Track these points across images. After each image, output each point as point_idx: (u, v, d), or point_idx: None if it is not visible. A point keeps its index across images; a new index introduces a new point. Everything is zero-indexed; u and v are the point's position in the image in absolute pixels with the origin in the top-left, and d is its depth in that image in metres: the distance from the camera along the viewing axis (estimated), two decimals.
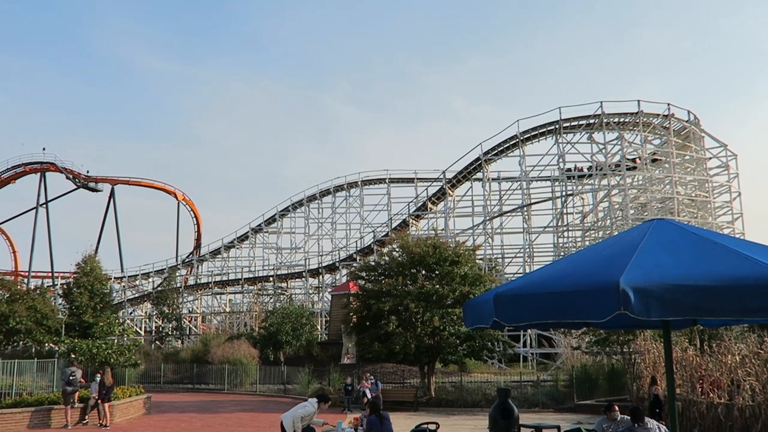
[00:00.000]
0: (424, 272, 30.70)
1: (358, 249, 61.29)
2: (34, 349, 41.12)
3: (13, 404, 21.28)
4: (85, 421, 21.32)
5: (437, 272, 30.40)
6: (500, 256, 56.78)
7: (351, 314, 32.53)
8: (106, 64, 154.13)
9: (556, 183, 57.16)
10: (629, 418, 9.97)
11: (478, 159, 56.24)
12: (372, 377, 27.08)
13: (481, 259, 41.72)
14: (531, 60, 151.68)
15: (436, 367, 32.97)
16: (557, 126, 53.69)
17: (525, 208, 56.23)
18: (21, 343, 40.62)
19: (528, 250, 55.56)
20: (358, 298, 32.16)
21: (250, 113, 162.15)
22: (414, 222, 59.57)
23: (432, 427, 11.37)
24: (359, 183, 65.39)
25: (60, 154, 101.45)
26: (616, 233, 42.81)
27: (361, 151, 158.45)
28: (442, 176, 58.64)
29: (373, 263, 35.39)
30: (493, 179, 58.04)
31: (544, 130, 54.81)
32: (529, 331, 46.68)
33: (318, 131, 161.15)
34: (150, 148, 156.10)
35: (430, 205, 59.44)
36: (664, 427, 9.79)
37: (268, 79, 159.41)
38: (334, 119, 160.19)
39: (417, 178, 62.60)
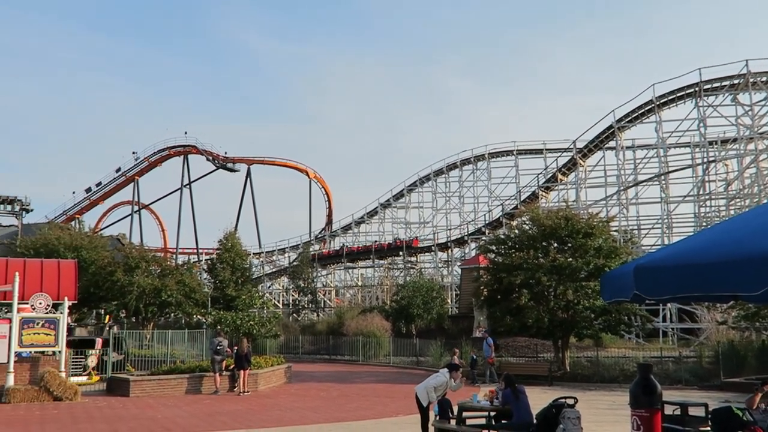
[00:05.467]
0: (555, 245, 30.06)
1: (487, 222, 60.81)
2: (183, 321, 44.12)
3: (168, 371, 23.08)
4: (234, 388, 22.71)
5: (570, 245, 29.71)
6: (636, 227, 54.52)
7: (481, 288, 32.46)
8: (224, 49, 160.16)
9: (697, 149, 53.99)
10: None
11: (610, 127, 54.00)
12: (485, 329, 26.31)
13: (615, 230, 40.18)
14: (653, 20, 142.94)
15: (571, 342, 32.37)
16: (697, 89, 50.52)
17: (662, 177, 53.50)
18: (172, 314, 43.59)
19: (666, 220, 52.91)
20: (489, 272, 32.03)
21: (362, 90, 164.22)
22: (543, 194, 58.26)
23: (570, 401, 11.19)
24: (486, 156, 64.70)
25: (199, 137, 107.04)
26: (765, 201, 39.94)
27: (479, 124, 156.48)
28: (572, 146, 56.84)
29: (502, 236, 35.07)
30: (627, 147, 55.63)
31: (682, 93, 51.67)
32: (669, 305, 44.66)
33: (431, 106, 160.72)
34: (266, 128, 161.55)
35: (560, 176, 57.88)
36: None
37: (378, 55, 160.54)
38: (448, 94, 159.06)
39: (546, 149, 61.13)
